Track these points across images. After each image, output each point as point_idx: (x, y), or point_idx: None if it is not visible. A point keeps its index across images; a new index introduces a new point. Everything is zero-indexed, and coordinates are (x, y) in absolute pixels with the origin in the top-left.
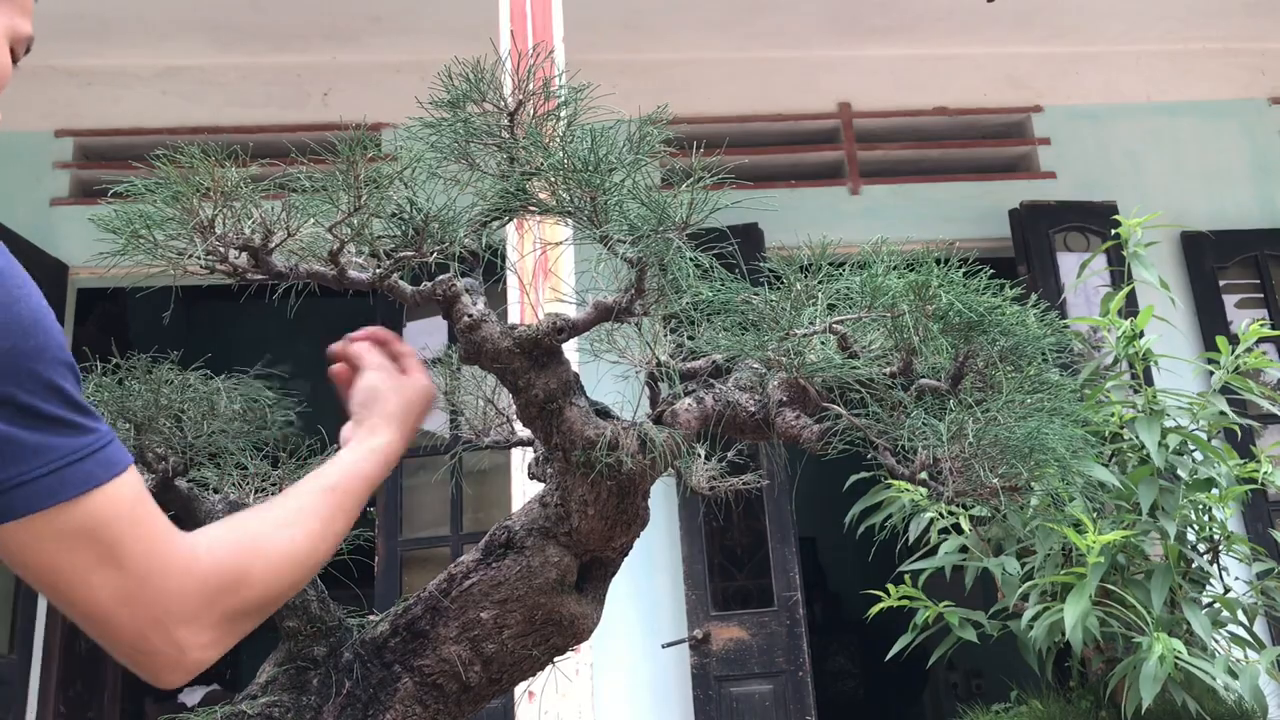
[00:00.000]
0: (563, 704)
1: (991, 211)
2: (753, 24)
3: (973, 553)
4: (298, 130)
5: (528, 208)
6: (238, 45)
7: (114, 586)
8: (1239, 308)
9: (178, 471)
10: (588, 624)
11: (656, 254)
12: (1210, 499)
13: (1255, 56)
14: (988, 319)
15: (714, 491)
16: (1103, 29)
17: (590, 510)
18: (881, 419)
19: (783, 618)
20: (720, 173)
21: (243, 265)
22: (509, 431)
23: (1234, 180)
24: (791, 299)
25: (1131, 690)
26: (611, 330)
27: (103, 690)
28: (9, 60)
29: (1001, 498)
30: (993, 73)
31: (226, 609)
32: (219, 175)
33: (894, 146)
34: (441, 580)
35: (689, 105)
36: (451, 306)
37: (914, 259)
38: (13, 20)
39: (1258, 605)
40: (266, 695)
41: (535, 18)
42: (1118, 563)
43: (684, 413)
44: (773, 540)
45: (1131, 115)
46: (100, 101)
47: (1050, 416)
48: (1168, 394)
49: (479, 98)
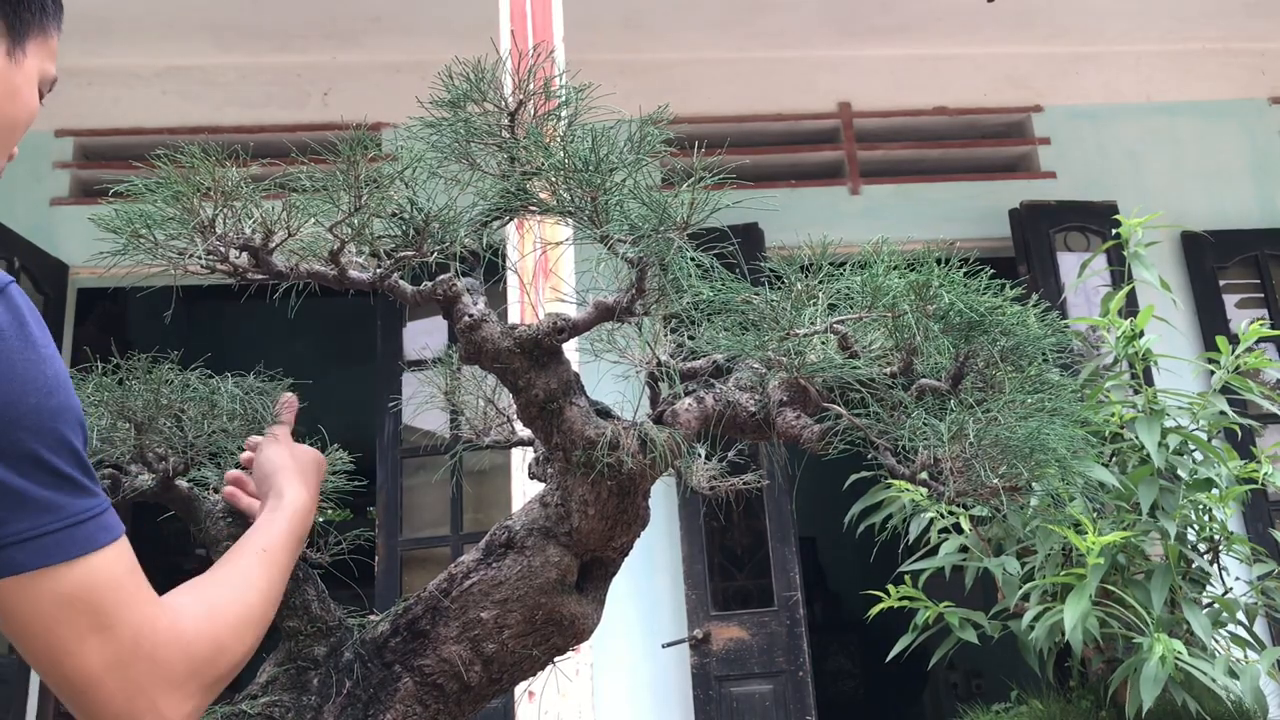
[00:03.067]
0: (563, 704)
1: (991, 211)
2: (753, 24)
3: (973, 553)
4: (298, 130)
5: (528, 208)
6: (238, 45)
7: (105, 653)
8: (1239, 308)
9: (178, 471)
10: (588, 624)
11: (657, 254)
12: (1210, 499)
13: (1255, 56)
14: (988, 319)
15: (714, 491)
16: (1103, 29)
17: (590, 510)
18: (882, 419)
19: (783, 618)
20: (720, 173)
21: (243, 265)
22: (509, 431)
23: (1234, 180)
24: (792, 299)
25: (1133, 691)
26: (612, 330)
27: None
28: (37, 102)
29: (1002, 498)
30: (993, 73)
31: (206, 679)
32: (219, 175)
33: (894, 146)
34: (442, 580)
35: (689, 105)
36: (452, 306)
37: (914, 259)
38: (43, 64)
39: (1258, 605)
40: (266, 695)
41: (535, 17)
42: (1118, 563)
43: (684, 413)
44: (773, 540)
45: (1131, 115)
46: (100, 101)
47: (1051, 416)
48: (1168, 394)
49: (479, 97)
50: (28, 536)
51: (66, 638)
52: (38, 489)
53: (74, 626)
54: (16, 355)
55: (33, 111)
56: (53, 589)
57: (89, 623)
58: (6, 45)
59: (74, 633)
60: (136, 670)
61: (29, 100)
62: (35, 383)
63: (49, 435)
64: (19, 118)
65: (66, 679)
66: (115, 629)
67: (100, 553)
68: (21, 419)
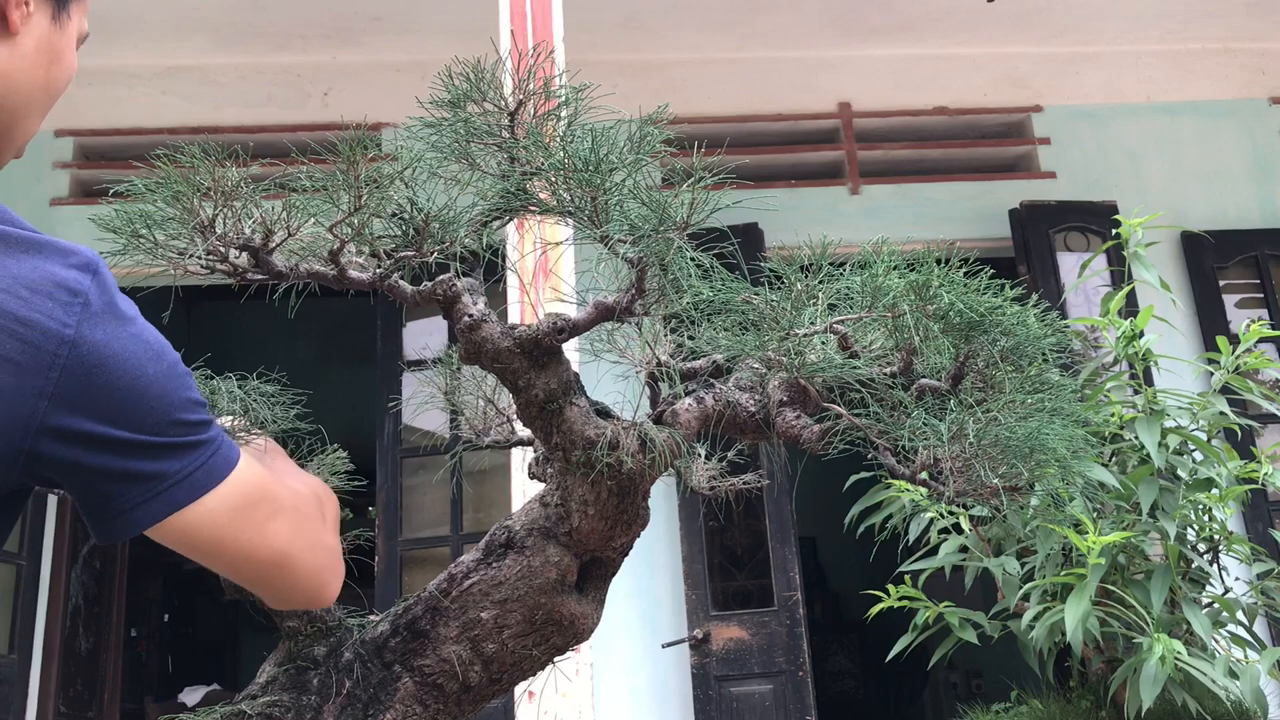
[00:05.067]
0: (563, 704)
1: (991, 211)
2: (753, 24)
3: (973, 553)
4: (298, 130)
5: (528, 208)
6: (238, 45)
7: (286, 527)
8: (1239, 308)
9: None
10: (588, 624)
11: (657, 254)
12: (1210, 499)
13: (1255, 56)
14: (988, 319)
15: (714, 491)
16: (1103, 29)
17: (590, 510)
18: (882, 419)
19: (783, 618)
20: (720, 173)
21: (243, 265)
22: (509, 431)
23: (1234, 180)
24: (792, 299)
25: (1132, 692)
26: (611, 330)
27: (103, 690)
28: (76, 62)
29: (1002, 498)
30: (992, 73)
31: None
32: (219, 175)
33: (894, 146)
34: (441, 580)
35: (689, 105)
36: (452, 306)
37: (914, 259)
38: (80, 22)
39: (1258, 605)
40: (267, 695)
41: (535, 18)
42: (1118, 563)
43: (684, 413)
44: (773, 540)
45: (1131, 115)
46: (100, 101)
47: (1050, 417)
48: (1168, 394)
49: (479, 97)
50: (185, 475)
51: (256, 531)
52: (180, 439)
53: (255, 520)
54: (123, 332)
55: (73, 72)
56: (224, 503)
57: (265, 512)
58: (52, 9)
59: (257, 524)
60: (309, 528)
61: (70, 62)
62: (145, 356)
63: (174, 395)
64: (62, 80)
65: (268, 561)
66: (284, 508)
67: (240, 464)
68: (148, 390)
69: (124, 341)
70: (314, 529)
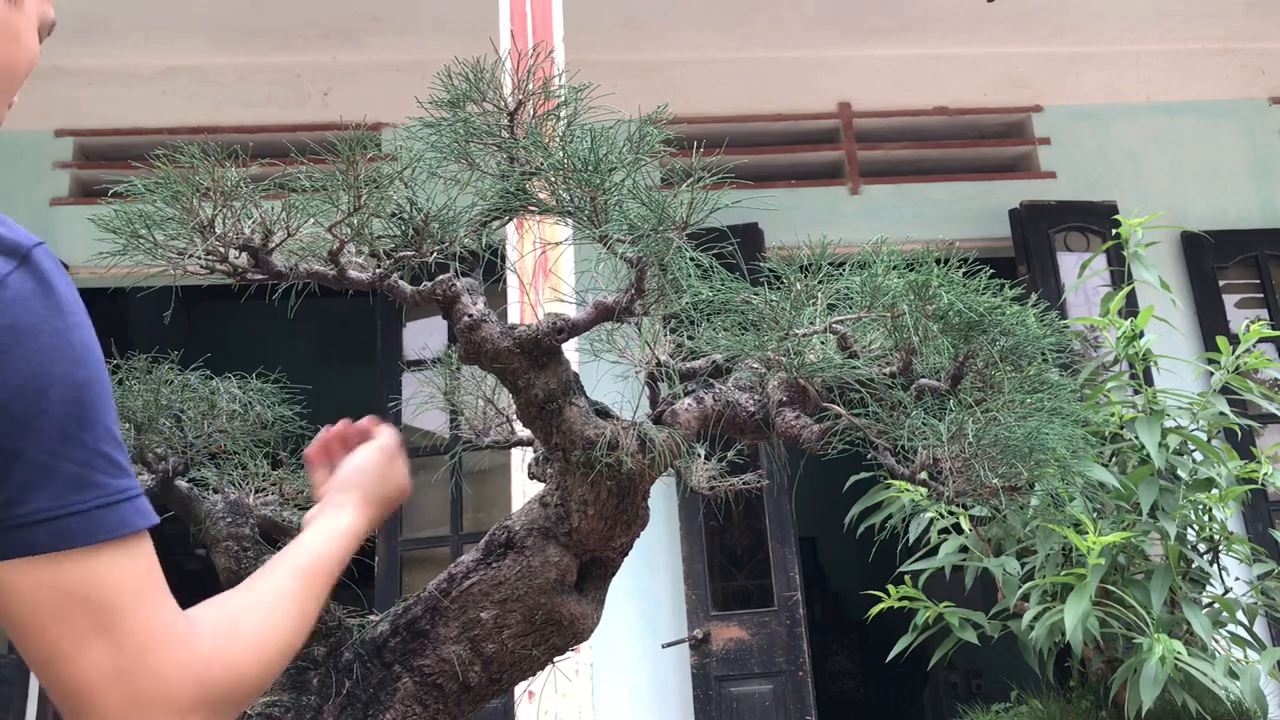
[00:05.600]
0: (563, 704)
1: (991, 211)
2: (752, 24)
3: (973, 553)
4: (298, 130)
5: (528, 207)
6: (238, 45)
7: (105, 661)
8: (1239, 308)
9: (178, 471)
10: (588, 624)
11: (656, 254)
12: (1210, 499)
13: (1255, 56)
14: (988, 319)
15: (714, 491)
16: (1102, 29)
17: (590, 510)
18: (881, 419)
19: (783, 618)
20: (720, 172)
21: (243, 265)
22: (509, 431)
23: (1234, 180)
24: (791, 299)
25: (1132, 692)
26: (611, 330)
27: None
28: (38, 46)
29: (1001, 498)
30: (992, 73)
31: (217, 705)
32: (219, 175)
33: (894, 146)
34: (441, 580)
35: (689, 105)
36: (451, 306)
37: (914, 259)
38: (42, 6)
39: (1258, 605)
40: (266, 695)
41: (535, 18)
42: (1118, 563)
43: (684, 413)
44: (773, 540)
45: (1131, 115)
46: (100, 101)
47: (1050, 416)
48: (1168, 394)
49: (479, 98)
50: (49, 516)
51: (67, 636)
52: (66, 464)
53: (76, 625)
54: (43, 322)
55: (34, 56)
56: (60, 578)
57: (93, 622)
58: None
59: (75, 632)
60: (139, 685)
61: (30, 44)
62: (62, 351)
63: (76, 407)
64: (21, 62)
65: (61, 684)
66: (121, 634)
67: (123, 542)
68: (48, 389)
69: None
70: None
